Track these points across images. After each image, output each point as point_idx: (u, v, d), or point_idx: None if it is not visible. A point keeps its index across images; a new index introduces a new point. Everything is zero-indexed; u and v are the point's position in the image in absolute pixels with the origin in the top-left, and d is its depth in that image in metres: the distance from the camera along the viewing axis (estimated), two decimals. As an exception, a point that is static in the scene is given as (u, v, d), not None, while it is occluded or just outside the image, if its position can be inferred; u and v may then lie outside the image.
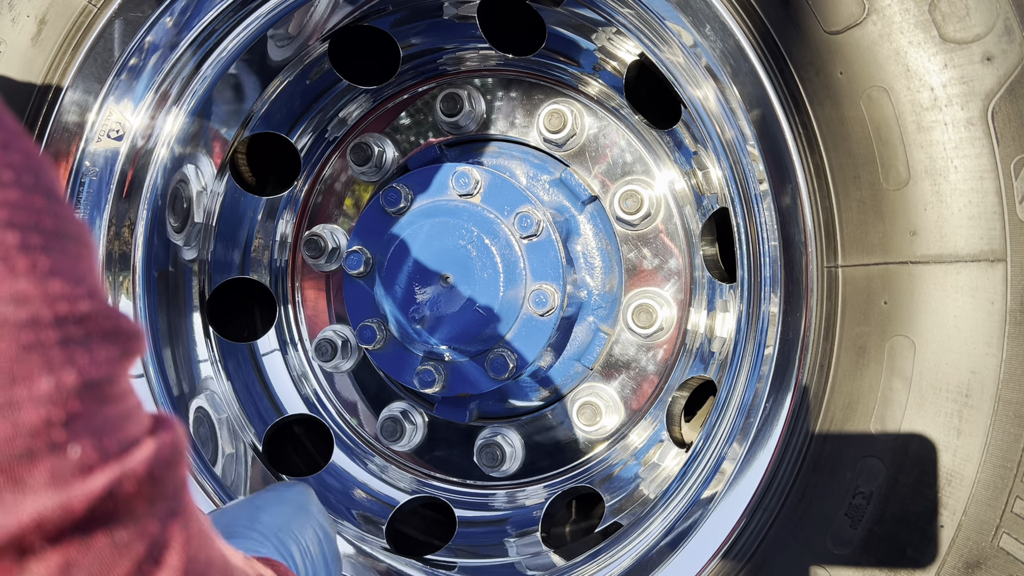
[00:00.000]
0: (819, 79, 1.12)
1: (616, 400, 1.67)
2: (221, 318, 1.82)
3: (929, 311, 1.09)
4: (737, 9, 1.17)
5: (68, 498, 0.39)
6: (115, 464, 0.41)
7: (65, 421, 0.39)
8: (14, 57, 1.52)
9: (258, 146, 1.81)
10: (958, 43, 1.05)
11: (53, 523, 0.38)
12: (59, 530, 0.38)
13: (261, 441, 1.78)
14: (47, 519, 0.38)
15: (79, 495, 0.39)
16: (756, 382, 1.25)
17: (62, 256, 0.41)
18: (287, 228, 1.87)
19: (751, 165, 1.22)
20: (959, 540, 1.08)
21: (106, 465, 0.40)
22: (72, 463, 0.39)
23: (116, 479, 0.40)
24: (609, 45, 1.60)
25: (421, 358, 1.64)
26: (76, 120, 1.55)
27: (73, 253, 0.42)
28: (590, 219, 1.67)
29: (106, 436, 0.41)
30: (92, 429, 0.40)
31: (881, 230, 1.11)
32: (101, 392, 0.41)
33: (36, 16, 1.50)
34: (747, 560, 1.21)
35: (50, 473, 0.38)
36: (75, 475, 0.39)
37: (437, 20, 1.70)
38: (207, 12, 1.55)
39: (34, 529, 0.38)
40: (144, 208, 1.66)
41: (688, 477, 1.37)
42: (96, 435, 0.41)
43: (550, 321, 1.56)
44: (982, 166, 1.05)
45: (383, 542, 1.71)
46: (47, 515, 0.38)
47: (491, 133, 1.74)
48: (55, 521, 0.38)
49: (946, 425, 1.08)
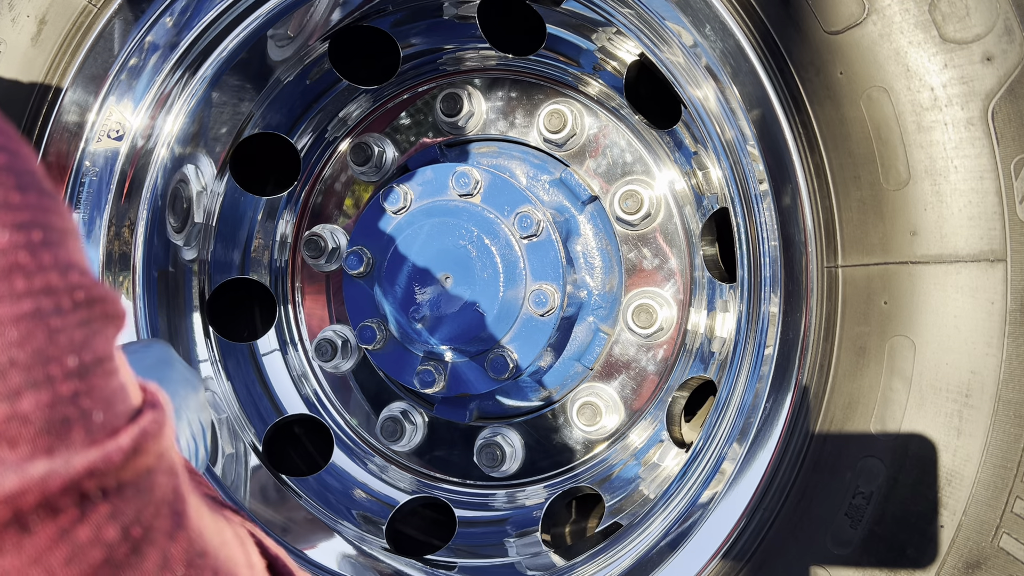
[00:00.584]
0: (819, 79, 1.12)
1: (616, 400, 1.67)
2: (221, 318, 1.82)
3: (929, 311, 1.09)
4: (737, 9, 1.17)
5: (107, 452, 0.46)
6: (133, 426, 0.49)
7: (88, 392, 0.47)
8: (14, 57, 1.52)
9: (258, 146, 1.81)
10: (958, 43, 1.05)
11: (101, 472, 0.46)
12: (103, 480, 0.46)
13: (261, 441, 1.78)
14: (97, 469, 0.45)
15: (114, 450, 0.47)
16: (756, 382, 1.25)
17: (69, 248, 0.49)
18: (287, 228, 1.87)
19: (751, 165, 1.22)
20: (959, 540, 1.08)
21: (126, 427, 0.48)
22: (99, 425, 0.47)
23: (137, 436, 0.48)
24: (609, 45, 1.60)
25: (421, 358, 1.64)
26: (76, 120, 1.55)
27: (73, 246, 0.49)
28: (590, 219, 1.67)
29: (118, 404, 0.49)
30: (106, 398, 0.48)
31: (881, 230, 1.11)
32: (109, 367, 0.49)
33: (36, 16, 1.50)
34: (747, 560, 1.21)
35: (85, 433, 0.46)
36: (106, 435, 0.47)
37: (437, 20, 1.70)
38: (207, 12, 1.55)
39: (87, 477, 0.45)
40: (144, 208, 1.66)
41: (688, 477, 1.37)
42: (110, 403, 0.48)
43: (550, 321, 1.56)
44: (982, 166, 1.05)
45: (383, 542, 1.72)
46: (97, 465, 0.45)
47: (491, 133, 1.74)
48: (102, 470, 0.46)
49: (946, 425, 1.08)
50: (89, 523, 0.45)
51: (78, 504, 0.45)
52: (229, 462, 1.73)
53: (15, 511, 0.42)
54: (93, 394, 0.47)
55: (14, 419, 0.43)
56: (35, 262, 0.46)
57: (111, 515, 0.46)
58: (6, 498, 0.42)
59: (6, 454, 0.42)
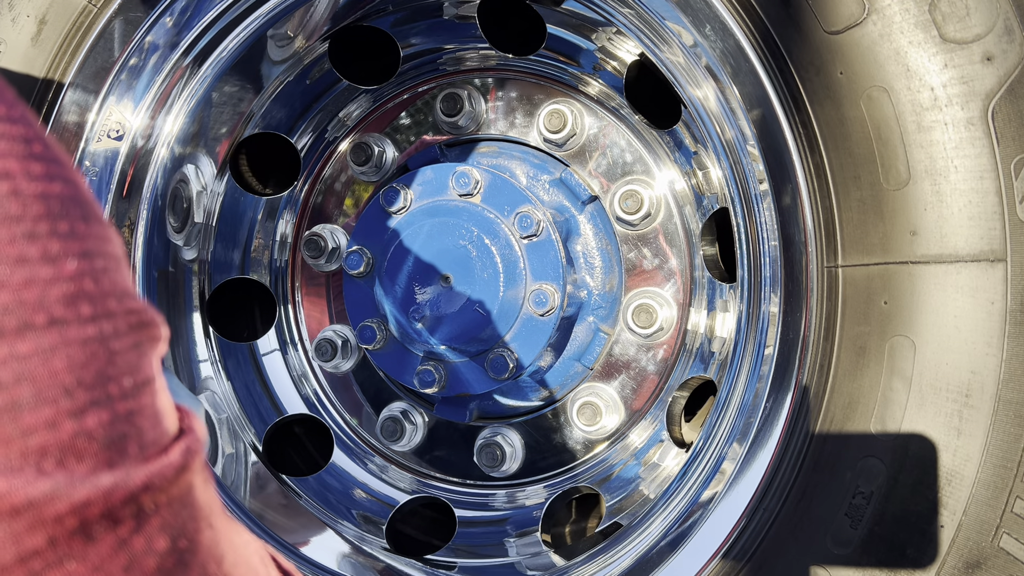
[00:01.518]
0: (819, 79, 1.12)
1: (616, 400, 1.67)
2: (221, 318, 1.82)
3: (929, 311, 1.09)
4: (737, 9, 1.17)
5: (161, 467, 0.49)
6: (180, 443, 0.52)
7: (140, 411, 0.50)
8: (14, 57, 1.52)
9: (258, 146, 1.81)
10: (958, 43, 1.05)
11: (155, 487, 0.49)
12: (156, 494, 0.49)
13: (261, 441, 1.78)
14: (152, 483, 0.48)
15: (166, 465, 0.50)
16: (756, 382, 1.25)
17: (123, 275, 0.52)
18: (287, 228, 1.87)
19: (751, 165, 1.22)
20: (959, 540, 1.08)
21: (173, 444, 0.52)
22: (150, 442, 0.50)
23: (184, 453, 0.51)
24: (609, 45, 1.60)
25: (421, 358, 1.64)
26: (76, 120, 1.55)
27: (125, 272, 0.53)
28: (590, 219, 1.67)
29: (164, 422, 0.52)
30: (155, 416, 0.51)
31: (881, 230, 1.11)
32: (156, 387, 0.53)
33: (36, 16, 1.50)
34: (747, 560, 1.21)
35: (139, 449, 0.49)
36: (157, 452, 0.50)
37: (437, 20, 1.70)
38: (207, 12, 1.55)
39: (144, 490, 0.48)
40: (144, 208, 1.66)
41: (688, 477, 1.37)
42: (158, 421, 0.52)
43: (550, 321, 1.56)
44: (982, 166, 1.05)
45: (383, 542, 1.72)
46: (153, 480, 0.48)
47: (491, 133, 1.74)
48: (157, 485, 0.49)
49: (946, 425, 1.08)
50: (144, 534, 0.48)
51: (135, 516, 0.48)
52: (229, 462, 1.73)
53: (82, 520, 0.45)
54: (144, 413, 0.50)
55: (81, 435, 0.46)
56: (98, 289, 0.49)
57: (162, 527, 0.49)
58: (75, 508, 0.45)
59: (74, 467, 0.45)
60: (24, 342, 0.45)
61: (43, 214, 0.47)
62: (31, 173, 0.48)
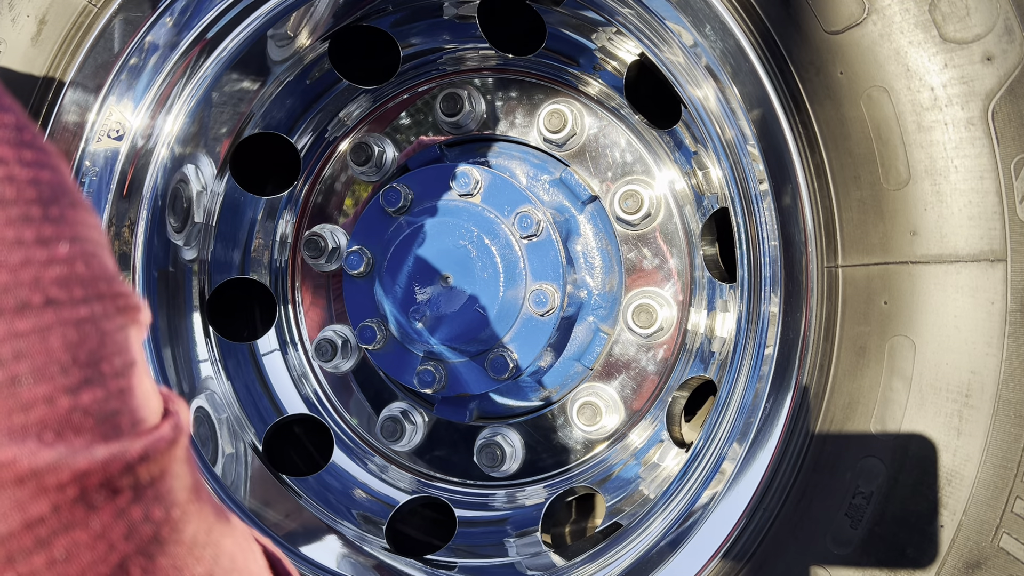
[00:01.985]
0: (819, 79, 1.12)
1: (616, 400, 1.67)
2: (221, 318, 1.82)
3: (929, 311, 1.09)
4: (737, 9, 1.17)
5: (154, 441, 0.52)
6: (170, 419, 0.54)
7: (129, 388, 0.52)
8: (14, 57, 1.52)
9: (258, 146, 1.80)
10: (958, 43, 1.05)
11: (150, 459, 0.51)
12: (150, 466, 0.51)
13: (261, 441, 1.78)
14: (147, 455, 0.51)
15: (159, 439, 0.52)
16: (756, 382, 1.25)
17: (109, 259, 0.54)
18: (287, 228, 1.87)
19: (751, 165, 1.22)
20: (959, 540, 1.08)
21: (163, 420, 0.54)
22: (141, 418, 0.52)
23: (174, 428, 0.54)
24: (609, 45, 1.60)
25: (421, 358, 1.64)
26: (76, 120, 1.55)
27: (110, 257, 0.55)
28: (590, 219, 1.67)
29: (152, 400, 0.55)
30: (144, 394, 0.54)
31: (881, 230, 1.11)
32: (142, 367, 0.55)
33: (36, 16, 1.50)
34: (747, 560, 1.21)
35: (131, 425, 0.51)
36: (148, 427, 0.52)
37: (437, 20, 1.70)
38: (207, 12, 1.55)
39: (140, 462, 0.50)
40: (144, 208, 1.66)
41: (688, 477, 1.37)
42: (148, 399, 0.54)
43: (550, 321, 1.56)
44: (982, 166, 1.05)
45: (383, 542, 1.72)
46: (148, 452, 0.51)
47: (491, 133, 1.74)
48: (151, 457, 0.51)
49: (946, 425, 1.08)
50: (142, 504, 0.51)
51: (132, 487, 0.50)
52: (229, 462, 1.73)
53: (82, 489, 0.47)
54: (134, 391, 0.52)
55: (77, 410, 0.48)
56: (89, 272, 0.51)
57: (156, 498, 0.52)
58: (76, 476, 0.47)
59: (72, 440, 0.47)
60: (22, 320, 0.46)
61: (36, 199, 0.49)
62: (24, 159, 0.49)
